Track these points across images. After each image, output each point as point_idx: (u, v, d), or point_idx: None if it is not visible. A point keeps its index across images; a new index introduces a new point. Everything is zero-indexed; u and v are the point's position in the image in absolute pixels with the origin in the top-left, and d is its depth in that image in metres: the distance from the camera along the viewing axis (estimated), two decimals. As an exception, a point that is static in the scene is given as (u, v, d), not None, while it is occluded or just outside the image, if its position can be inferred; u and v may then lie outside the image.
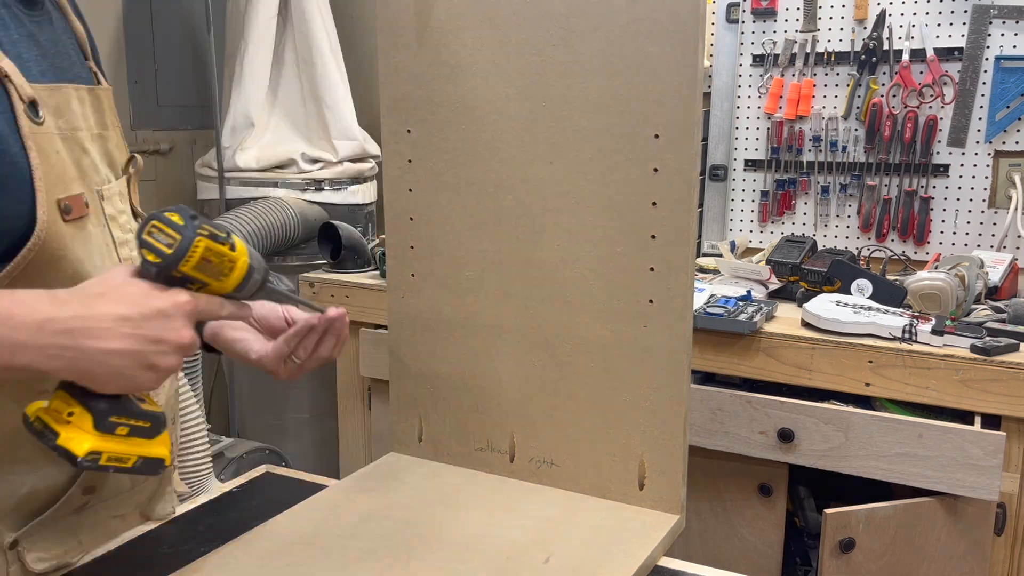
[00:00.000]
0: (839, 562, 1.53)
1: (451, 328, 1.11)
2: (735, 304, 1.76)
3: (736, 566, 1.68)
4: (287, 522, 0.98)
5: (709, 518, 1.77)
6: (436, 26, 1.04)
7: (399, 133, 1.10)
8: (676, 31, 0.92)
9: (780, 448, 1.62)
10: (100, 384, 0.71)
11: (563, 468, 1.07)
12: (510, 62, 1.01)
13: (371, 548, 0.92)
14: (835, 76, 2.18)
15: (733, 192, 2.33)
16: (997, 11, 1.99)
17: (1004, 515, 1.56)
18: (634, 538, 0.95)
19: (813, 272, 1.85)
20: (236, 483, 1.13)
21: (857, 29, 2.13)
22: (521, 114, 1.02)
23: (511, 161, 1.03)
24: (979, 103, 2.03)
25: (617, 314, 1.00)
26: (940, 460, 1.50)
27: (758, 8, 2.22)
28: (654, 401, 1.00)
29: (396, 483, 1.09)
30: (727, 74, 2.28)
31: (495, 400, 1.10)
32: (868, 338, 1.61)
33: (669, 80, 0.93)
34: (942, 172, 2.09)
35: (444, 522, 0.98)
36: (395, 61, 1.08)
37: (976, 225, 2.07)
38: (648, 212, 0.97)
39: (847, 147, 2.17)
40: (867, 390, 1.61)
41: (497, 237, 1.06)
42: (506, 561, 0.90)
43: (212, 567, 0.89)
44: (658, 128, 0.95)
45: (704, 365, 1.74)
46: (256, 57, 2.45)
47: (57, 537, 0.89)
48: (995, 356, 1.52)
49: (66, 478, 0.88)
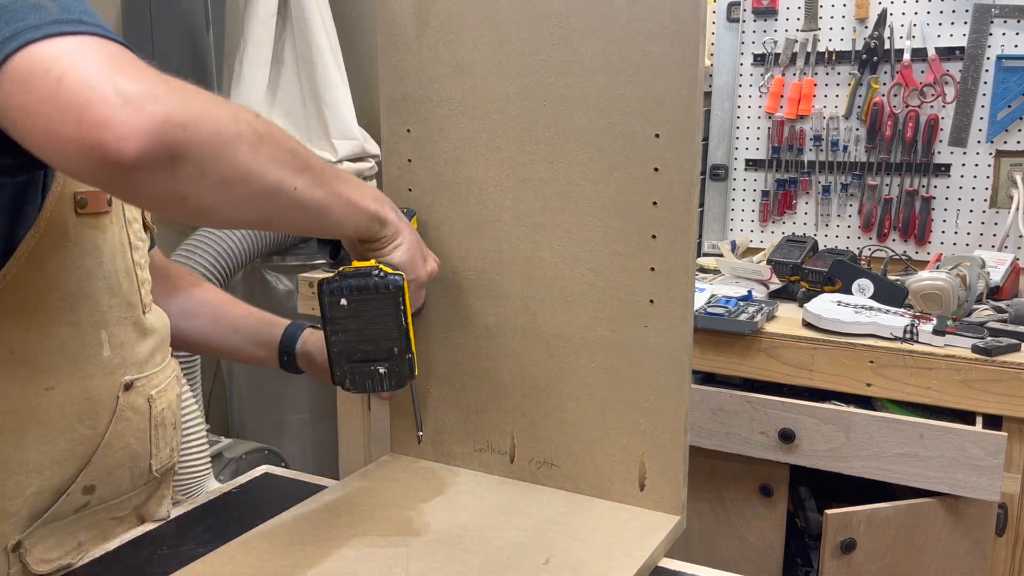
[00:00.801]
0: (840, 563, 1.53)
1: (450, 328, 1.11)
2: (736, 304, 1.76)
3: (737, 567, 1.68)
4: (286, 523, 0.98)
5: (710, 519, 1.77)
6: (436, 25, 1.04)
7: (399, 133, 1.10)
8: (677, 30, 0.91)
9: (781, 448, 1.62)
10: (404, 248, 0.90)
11: (563, 469, 1.07)
12: (510, 61, 1.01)
13: (370, 549, 0.92)
14: (836, 75, 2.17)
15: (734, 192, 2.33)
16: (998, 10, 1.98)
17: (1005, 516, 1.56)
18: (634, 539, 0.95)
19: (814, 272, 1.85)
20: (235, 484, 1.13)
21: (858, 28, 2.13)
22: (521, 113, 1.01)
23: (511, 161, 1.03)
24: (980, 102, 2.03)
25: (617, 314, 1.00)
26: (941, 460, 1.49)
27: (759, 7, 2.22)
28: (654, 401, 1.00)
29: (395, 484, 1.09)
30: (728, 73, 2.27)
31: (495, 400, 1.10)
32: (869, 338, 1.61)
33: (670, 79, 0.93)
34: (943, 172, 2.09)
35: (444, 523, 0.98)
36: (394, 60, 1.08)
37: (977, 225, 2.07)
38: (648, 212, 0.96)
39: (848, 147, 2.17)
40: (868, 390, 1.60)
41: (497, 237, 1.06)
42: (506, 562, 0.90)
43: (211, 568, 0.89)
44: (659, 127, 0.94)
45: (705, 365, 1.73)
46: (255, 56, 2.44)
47: (57, 539, 0.89)
48: (996, 356, 1.52)
49: (69, 477, 0.89)
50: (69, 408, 0.87)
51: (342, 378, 0.90)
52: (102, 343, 0.90)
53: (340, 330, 0.88)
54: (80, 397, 0.88)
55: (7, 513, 0.85)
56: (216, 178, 0.64)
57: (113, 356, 0.91)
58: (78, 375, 0.88)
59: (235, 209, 0.68)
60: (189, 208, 0.65)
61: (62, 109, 0.57)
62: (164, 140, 0.59)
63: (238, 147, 0.65)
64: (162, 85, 0.61)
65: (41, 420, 0.85)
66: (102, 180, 0.60)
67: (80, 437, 0.89)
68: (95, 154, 0.58)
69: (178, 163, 0.61)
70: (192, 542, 0.96)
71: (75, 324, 0.87)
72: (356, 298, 0.86)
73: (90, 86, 0.58)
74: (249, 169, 0.67)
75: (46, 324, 0.84)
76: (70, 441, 0.88)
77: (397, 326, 0.88)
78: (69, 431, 0.88)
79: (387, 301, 0.86)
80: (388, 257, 0.89)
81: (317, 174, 0.76)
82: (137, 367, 0.94)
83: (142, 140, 0.58)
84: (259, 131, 0.68)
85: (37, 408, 0.85)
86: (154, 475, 0.99)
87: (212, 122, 0.63)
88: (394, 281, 0.86)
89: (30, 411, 0.85)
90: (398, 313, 0.87)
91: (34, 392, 0.85)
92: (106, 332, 0.90)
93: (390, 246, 0.89)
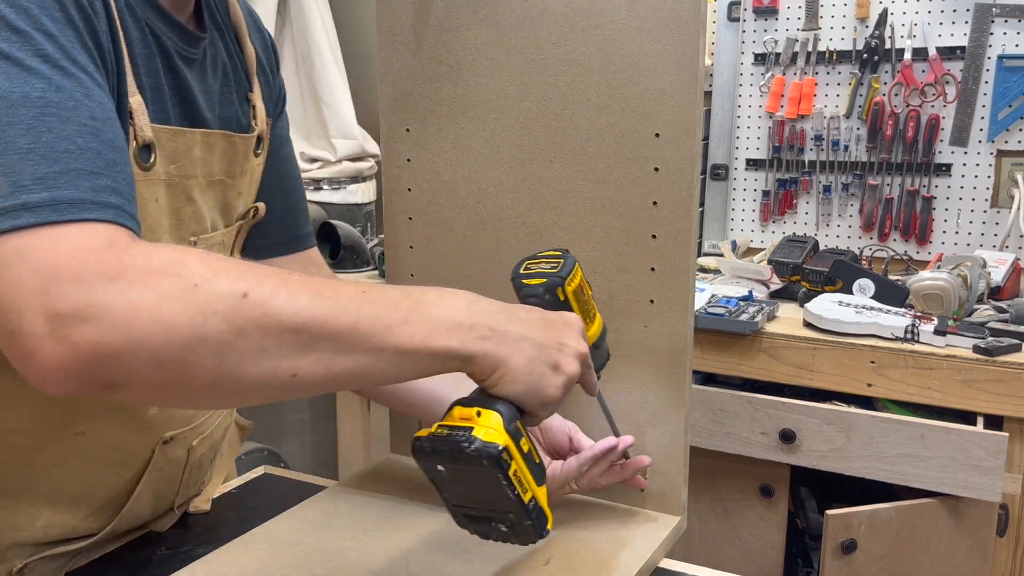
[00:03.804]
0: (841, 563, 1.52)
1: (451, 328, 1.10)
2: (736, 304, 1.76)
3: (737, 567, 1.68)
4: (286, 523, 0.98)
5: (710, 519, 1.77)
6: (435, 24, 1.04)
7: (398, 132, 1.09)
8: (677, 29, 0.91)
9: (781, 449, 1.62)
10: (511, 378, 0.69)
11: (563, 469, 1.06)
12: (509, 60, 1.00)
13: (370, 550, 0.92)
14: (837, 75, 2.17)
15: (734, 191, 2.33)
16: (999, 10, 1.98)
17: (1006, 516, 1.55)
18: (635, 540, 0.95)
19: (815, 272, 1.85)
20: (234, 484, 1.13)
21: (859, 28, 2.13)
22: (520, 113, 1.01)
23: (511, 160, 1.03)
24: (981, 102, 2.02)
25: (617, 314, 1.00)
26: (942, 461, 1.49)
27: (759, 6, 2.22)
28: (654, 401, 1.00)
29: (395, 484, 1.08)
30: (728, 73, 2.27)
31: (495, 401, 1.09)
32: (870, 338, 1.61)
33: (670, 79, 0.92)
34: (944, 171, 2.08)
35: (444, 523, 0.98)
36: (394, 59, 1.07)
37: (979, 225, 2.07)
38: (649, 212, 0.96)
39: (849, 146, 2.16)
40: (869, 390, 1.60)
41: (497, 237, 1.05)
42: (506, 563, 0.89)
43: (211, 568, 0.89)
44: (659, 127, 0.94)
45: (705, 365, 1.73)
46: (256, 56, 2.44)
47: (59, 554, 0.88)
48: (997, 356, 1.52)
49: (83, 515, 0.86)
50: (96, 455, 0.83)
51: (464, 526, 0.76)
52: None
53: (447, 490, 0.73)
54: (111, 446, 0.83)
55: (15, 542, 0.82)
56: (177, 389, 0.56)
57: (159, 413, 0.85)
58: (114, 425, 0.82)
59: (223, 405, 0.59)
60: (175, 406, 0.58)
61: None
62: (93, 374, 0.52)
63: (196, 358, 0.54)
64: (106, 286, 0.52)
65: (63, 463, 0.81)
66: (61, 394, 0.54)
67: (103, 483, 0.85)
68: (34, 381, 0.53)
69: (119, 388, 0.54)
70: (192, 542, 0.96)
71: None
72: (451, 467, 0.70)
73: (19, 310, 0.52)
74: (216, 376, 0.56)
75: None
76: (91, 485, 0.84)
77: (505, 498, 0.70)
78: (92, 476, 0.84)
79: (488, 473, 0.69)
80: (494, 390, 0.70)
81: (345, 338, 0.60)
82: (184, 421, 0.88)
83: (66, 377, 0.52)
84: (236, 322, 0.55)
85: (63, 451, 0.81)
86: (174, 508, 0.97)
87: (161, 334, 0.53)
88: (488, 454, 0.67)
89: (54, 453, 0.80)
90: (501, 487, 0.69)
91: (63, 436, 0.80)
92: None
93: (492, 377, 0.69)
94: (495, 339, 0.68)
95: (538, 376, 0.70)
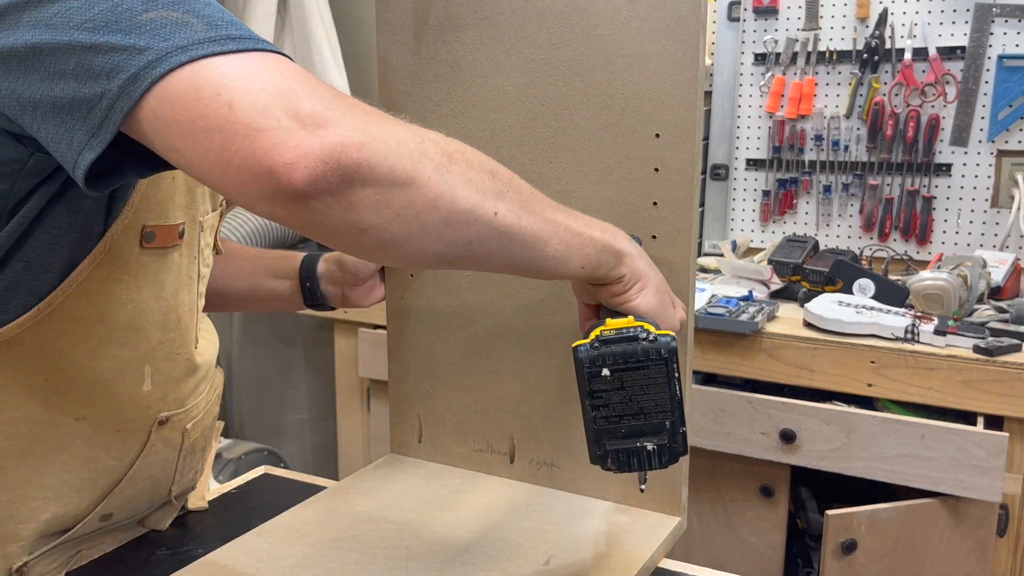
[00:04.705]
0: (841, 563, 1.52)
1: (450, 328, 1.10)
2: (736, 304, 1.75)
3: (737, 567, 1.68)
4: (285, 523, 0.98)
5: (710, 519, 1.76)
6: (435, 24, 1.04)
7: (398, 132, 1.09)
8: (677, 29, 0.91)
9: (782, 449, 1.62)
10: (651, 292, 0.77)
11: (563, 470, 1.06)
12: (509, 60, 1.00)
13: (370, 550, 0.92)
14: (837, 75, 2.17)
15: (734, 191, 2.33)
16: (999, 10, 1.98)
17: (1007, 516, 1.55)
18: (635, 540, 0.95)
19: (815, 272, 1.85)
20: (234, 484, 1.13)
21: (859, 28, 2.12)
22: (520, 113, 1.01)
23: (511, 160, 1.03)
24: (981, 102, 2.02)
25: (618, 314, 1.00)
26: (942, 461, 1.49)
27: (759, 6, 2.22)
28: (655, 402, 1.00)
29: (395, 484, 1.08)
30: (728, 73, 2.27)
31: (495, 401, 1.09)
32: (870, 338, 1.61)
33: (670, 79, 0.92)
34: (945, 171, 2.08)
35: (443, 524, 0.98)
36: (393, 59, 1.07)
37: (979, 225, 2.07)
38: (649, 212, 0.96)
39: (849, 146, 2.16)
40: (869, 390, 1.60)
41: (497, 237, 1.05)
42: (506, 563, 0.89)
43: (211, 568, 0.89)
44: (659, 127, 0.94)
45: (705, 366, 1.73)
46: (256, 56, 2.44)
47: (59, 553, 0.88)
48: (998, 356, 1.52)
49: (86, 505, 0.86)
50: (97, 439, 0.84)
51: (602, 457, 0.77)
52: (144, 377, 0.85)
53: (601, 404, 0.74)
54: (111, 429, 0.85)
55: (18, 536, 0.82)
56: (399, 204, 0.58)
57: (154, 391, 0.87)
58: (113, 407, 0.84)
59: (425, 241, 0.61)
60: (372, 241, 0.59)
61: (233, 138, 0.54)
62: (338, 163, 0.54)
63: (422, 168, 0.59)
64: (336, 103, 0.57)
65: (66, 448, 0.82)
66: (277, 212, 0.56)
67: (104, 468, 0.86)
68: (267, 184, 0.54)
69: (355, 188, 0.56)
70: (192, 542, 0.96)
71: (119, 357, 0.82)
72: (621, 367, 0.73)
73: (262, 111, 0.54)
74: (437, 192, 0.59)
75: (88, 356, 0.80)
76: (93, 471, 0.85)
77: (671, 397, 0.74)
78: (94, 461, 0.85)
79: (658, 369, 0.73)
80: (633, 304, 0.76)
81: (525, 198, 0.67)
82: (178, 402, 0.90)
83: (313, 164, 0.54)
84: (447, 150, 0.62)
85: (65, 437, 0.82)
86: (171, 499, 0.97)
87: (392, 141, 0.58)
88: (666, 344, 0.72)
89: (57, 439, 0.81)
90: (671, 382, 0.73)
91: (64, 421, 0.81)
92: (151, 367, 0.85)
93: (634, 288, 0.76)
94: (637, 251, 0.77)
95: (667, 303, 0.80)
